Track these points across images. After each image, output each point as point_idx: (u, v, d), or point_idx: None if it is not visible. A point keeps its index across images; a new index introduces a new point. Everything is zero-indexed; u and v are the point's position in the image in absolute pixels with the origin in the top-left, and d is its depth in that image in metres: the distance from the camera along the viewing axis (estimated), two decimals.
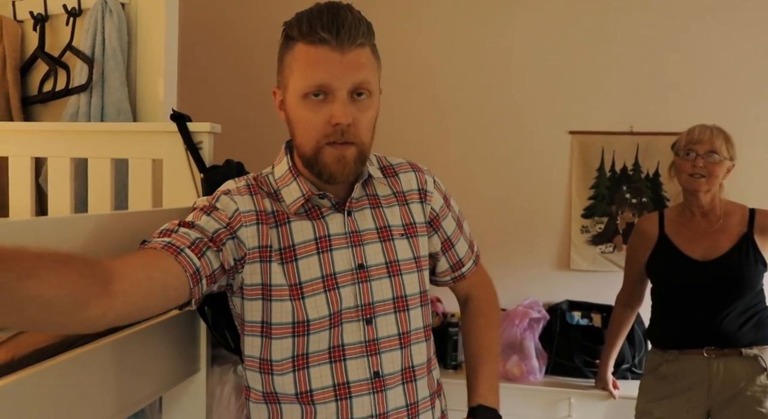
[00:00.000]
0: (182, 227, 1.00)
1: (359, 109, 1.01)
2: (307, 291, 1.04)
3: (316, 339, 1.05)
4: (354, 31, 0.98)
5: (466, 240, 1.26)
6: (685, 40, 2.87)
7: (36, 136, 1.60)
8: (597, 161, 2.93)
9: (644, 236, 1.99)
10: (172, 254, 0.93)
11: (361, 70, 1.00)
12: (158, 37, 1.73)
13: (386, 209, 1.13)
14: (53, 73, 1.85)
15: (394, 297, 1.09)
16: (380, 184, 1.14)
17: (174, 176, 1.43)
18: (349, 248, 1.08)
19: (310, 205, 1.09)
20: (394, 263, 1.10)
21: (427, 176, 1.20)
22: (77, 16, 1.82)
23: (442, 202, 1.21)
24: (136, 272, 0.87)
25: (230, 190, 1.09)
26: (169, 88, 1.72)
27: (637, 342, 2.60)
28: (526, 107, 3.00)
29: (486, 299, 1.31)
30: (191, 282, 0.94)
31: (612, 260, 2.89)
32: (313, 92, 0.99)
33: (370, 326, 1.07)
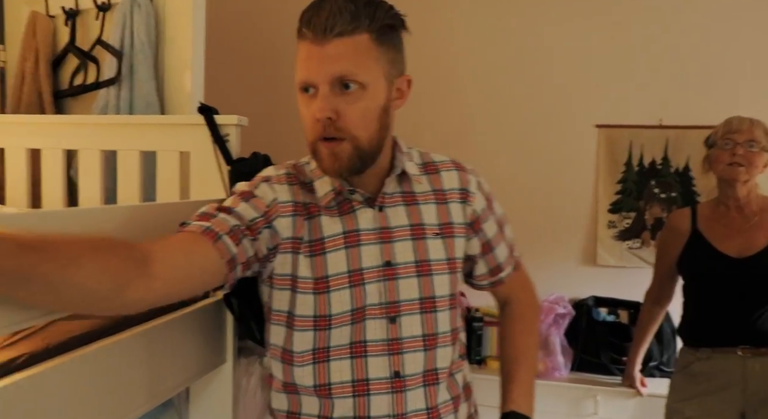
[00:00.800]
0: (221, 212, 1.00)
1: (347, 101, 0.95)
2: (332, 285, 1.03)
3: (338, 333, 1.03)
4: (331, 21, 0.93)
5: (506, 245, 1.20)
6: (717, 30, 2.81)
7: (67, 129, 1.63)
8: (624, 155, 2.89)
9: (675, 232, 1.95)
10: (211, 240, 0.94)
11: (340, 62, 0.94)
12: (185, 31, 1.74)
13: (422, 206, 1.09)
14: (84, 67, 1.89)
15: (421, 297, 1.06)
16: (417, 181, 1.10)
17: (201, 168, 1.44)
18: (378, 244, 1.05)
19: (342, 198, 1.07)
20: (424, 262, 1.07)
21: (470, 176, 1.15)
22: (107, 10, 1.85)
23: (485, 204, 1.15)
24: (175, 256, 0.90)
25: (270, 177, 1.08)
26: (196, 81, 1.73)
27: (665, 339, 2.56)
28: (553, 101, 2.96)
29: (526, 303, 1.26)
30: (227, 268, 0.96)
31: (639, 256, 2.85)
32: (302, 88, 0.98)
33: (393, 324, 1.04)
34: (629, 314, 2.75)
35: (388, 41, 0.99)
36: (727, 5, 2.79)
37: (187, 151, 1.47)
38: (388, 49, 0.99)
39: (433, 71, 3.02)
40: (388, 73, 1.00)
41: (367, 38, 0.96)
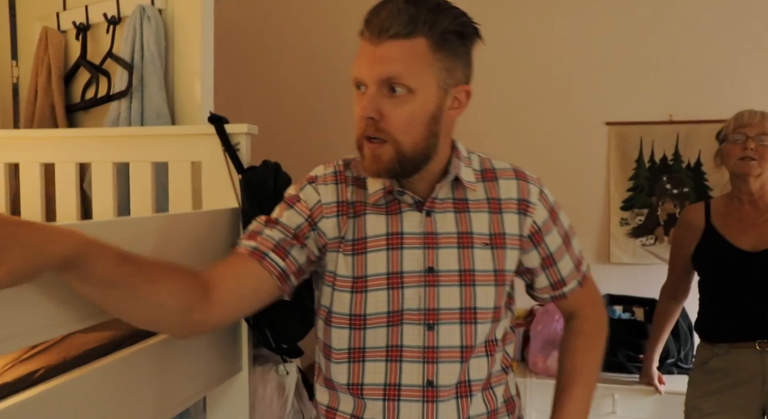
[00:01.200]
0: (267, 226, 1.04)
1: (393, 104, 0.95)
2: (369, 285, 1.03)
3: (373, 334, 1.03)
4: (388, 22, 0.92)
5: (572, 258, 1.15)
6: (723, 23, 2.79)
7: (80, 142, 1.64)
8: (635, 152, 2.88)
9: (689, 227, 1.94)
10: (258, 260, 1.00)
11: (390, 64, 0.93)
12: (195, 42, 1.75)
13: (473, 214, 1.06)
14: (95, 81, 1.91)
15: (461, 308, 1.03)
16: (471, 188, 1.07)
17: (213, 177, 1.45)
18: (422, 249, 1.03)
19: (391, 198, 1.06)
20: (468, 272, 1.03)
21: (532, 185, 1.10)
22: (117, 23, 1.87)
23: (547, 215, 1.10)
24: (227, 281, 0.97)
25: (317, 177, 1.09)
26: (206, 91, 1.75)
27: (682, 335, 2.55)
28: (562, 99, 2.96)
29: (592, 319, 1.21)
30: (279, 282, 1.01)
31: (653, 253, 2.83)
32: (355, 85, 0.98)
33: (431, 332, 1.02)
34: (645, 311, 2.73)
35: (447, 48, 0.96)
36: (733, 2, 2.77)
37: (199, 160, 1.48)
38: (447, 57, 0.97)
39: None
40: (443, 81, 0.97)
41: (423, 43, 0.94)
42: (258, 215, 1.32)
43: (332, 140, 3.19)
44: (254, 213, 1.34)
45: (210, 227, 1.30)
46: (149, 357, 1.07)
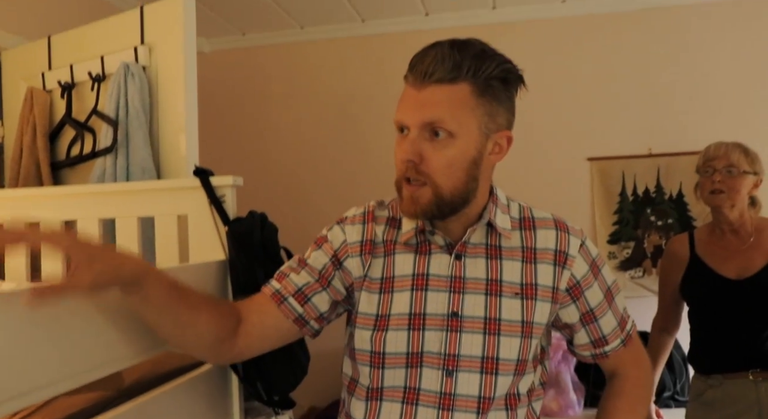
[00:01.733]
0: (295, 268, 1.10)
1: (434, 148, 0.95)
2: (391, 325, 1.03)
3: (392, 374, 1.02)
4: (432, 68, 0.94)
5: (615, 316, 1.11)
6: (696, 59, 2.89)
7: (65, 199, 1.64)
8: (618, 186, 2.92)
9: (675, 258, 1.96)
10: (276, 303, 1.06)
11: (432, 109, 0.94)
12: (178, 97, 1.78)
13: (505, 261, 1.04)
14: (80, 138, 1.92)
15: (483, 357, 1.00)
16: (506, 236, 1.05)
17: (199, 230, 1.45)
18: (448, 292, 1.02)
19: (423, 238, 1.06)
20: (493, 320, 1.01)
21: (572, 237, 1.07)
22: (101, 81, 1.89)
23: (587, 269, 1.06)
24: (252, 317, 1.05)
25: (346, 218, 1.12)
26: (190, 144, 1.76)
27: (677, 368, 2.54)
28: (544, 137, 3.02)
29: (635, 381, 1.15)
30: (296, 325, 1.07)
31: (643, 285, 2.85)
32: (398, 128, 1.00)
33: (449, 378, 1.00)
34: None
35: (490, 94, 0.97)
36: (708, 37, 2.87)
37: (185, 214, 1.49)
38: (489, 102, 0.98)
39: None
40: (485, 126, 0.98)
41: (466, 88, 0.95)
42: (245, 266, 1.34)
43: (317, 189, 3.23)
44: (242, 264, 1.35)
45: (198, 280, 1.29)
46: (137, 417, 1.05)
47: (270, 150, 3.26)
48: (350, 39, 3.21)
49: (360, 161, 3.11)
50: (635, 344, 1.15)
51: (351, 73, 3.13)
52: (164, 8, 1.79)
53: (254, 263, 1.35)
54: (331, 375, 1.16)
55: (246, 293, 1.16)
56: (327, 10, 3.05)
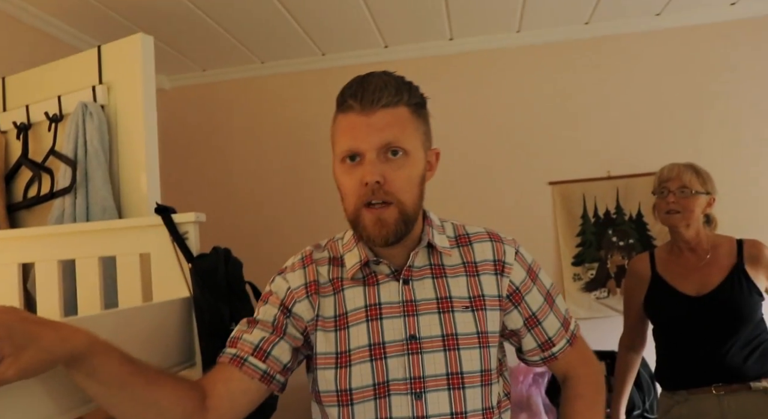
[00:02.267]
0: (248, 328, 1.08)
1: (393, 167, 0.99)
2: (354, 359, 1.03)
3: (361, 409, 1.02)
4: (378, 94, 0.99)
5: (558, 317, 1.15)
6: (649, 83, 3.00)
7: (22, 242, 1.61)
8: (580, 209, 2.99)
9: (637, 277, 2.00)
10: (237, 366, 1.03)
11: (388, 130, 0.99)
12: (138, 134, 1.77)
13: (451, 279, 1.08)
14: (37, 179, 1.88)
15: (448, 373, 1.02)
16: (447, 254, 1.09)
17: (162, 267, 1.43)
18: (402, 317, 1.04)
19: (369, 270, 1.08)
20: (451, 336, 1.03)
21: (507, 246, 1.12)
22: (59, 121, 1.87)
23: (525, 275, 1.11)
24: (217, 387, 1.01)
25: (285, 268, 1.13)
26: (151, 181, 1.75)
27: (645, 385, 2.57)
28: (506, 162, 3.08)
29: (587, 380, 1.17)
30: (263, 383, 1.04)
31: (608, 305, 2.89)
32: (347, 156, 1.01)
33: (419, 401, 1.00)
34: (606, 364, 2.75)
35: (421, 115, 1.05)
36: (659, 62, 2.99)
37: (147, 252, 1.47)
38: (423, 122, 1.05)
39: None
40: (424, 143, 1.05)
41: (406, 111, 1.02)
42: (210, 303, 1.32)
43: (282, 220, 3.22)
44: (206, 301, 1.33)
45: (162, 318, 1.28)
46: None
47: (232, 183, 3.25)
48: (310, 72, 3.25)
49: (323, 190, 3.10)
50: (581, 343, 1.19)
51: (312, 105, 3.14)
52: (122, 47, 1.79)
53: (219, 299, 1.34)
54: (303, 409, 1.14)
55: (211, 330, 1.15)
56: (287, 45, 3.08)
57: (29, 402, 0.84)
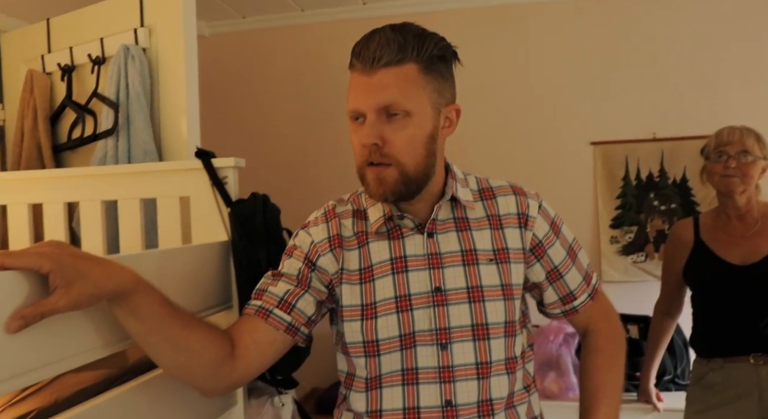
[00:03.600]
0: (273, 281, 1.09)
1: (393, 129, 0.98)
2: (380, 311, 1.04)
3: (388, 360, 1.04)
4: (379, 52, 0.96)
5: (580, 271, 1.15)
6: (703, 41, 2.86)
7: (67, 182, 1.64)
8: (621, 170, 2.91)
9: (679, 243, 1.95)
10: (263, 318, 1.04)
11: (386, 91, 0.97)
12: (179, 78, 1.77)
13: (475, 232, 1.08)
14: (81, 120, 1.91)
15: (473, 324, 1.03)
16: (470, 207, 1.09)
17: (201, 211, 1.45)
18: (427, 269, 1.05)
19: (393, 224, 1.08)
20: (476, 288, 1.04)
21: (530, 200, 1.12)
22: (101, 64, 1.89)
23: (548, 228, 1.12)
24: (244, 338, 1.02)
25: (308, 222, 1.14)
26: (192, 126, 1.76)
27: (677, 351, 2.55)
28: (546, 121, 3.00)
29: (607, 334, 1.19)
30: (288, 335, 1.05)
31: (645, 270, 2.85)
32: (352, 117, 1.02)
33: (445, 351, 1.02)
34: (639, 328, 2.73)
35: (435, 71, 1.01)
36: (715, 17, 2.84)
37: (187, 195, 1.48)
38: (435, 79, 1.02)
39: None
40: (435, 102, 1.02)
41: (413, 68, 0.99)
42: (248, 247, 1.34)
43: (320, 169, 3.22)
44: (244, 246, 1.35)
45: (201, 260, 1.30)
46: (142, 395, 1.05)
47: (271, 131, 3.25)
48: (351, 21, 3.19)
49: None
50: (602, 297, 1.20)
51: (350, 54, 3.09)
52: None
53: (257, 244, 1.35)
54: (334, 356, 1.15)
55: (248, 274, 1.16)
56: None
57: (75, 333, 0.87)
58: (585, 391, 1.16)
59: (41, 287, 0.78)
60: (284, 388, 1.43)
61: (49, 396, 0.92)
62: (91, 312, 0.88)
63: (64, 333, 0.84)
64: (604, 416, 1.11)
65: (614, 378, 1.16)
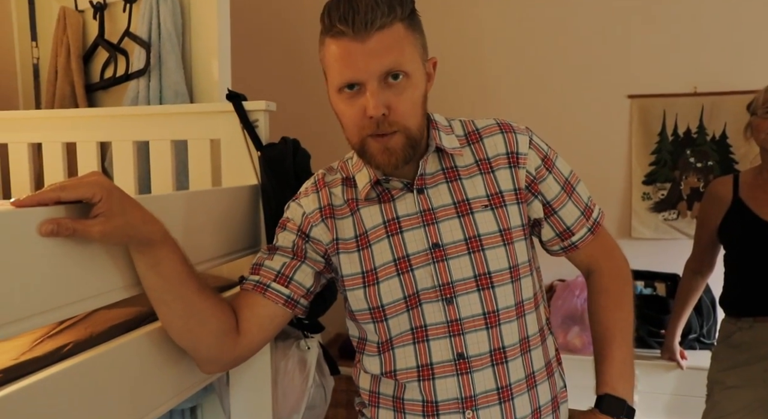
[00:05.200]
0: (269, 255, 1.09)
1: (396, 93, 0.94)
2: (381, 276, 1.04)
3: (396, 322, 1.04)
4: (371, 15, 0.90)
5: (578, 205, 1.11)
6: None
7: (100, 121, 1.65)
8: (658, 125, 2.83)
9: (717, 200, 1.91)
10: (261, 293, 1.06)
11: (387, 55, 0.92)
12: (211, 19, 1.75)
13: (465, 180, 1.05)
14: (113, 60, 1.91)
15: (475, 275, 1.01)
16: (458, 154, 1.06)
17: (232, 154, 1.45)
18: (422, 227, 1.03)
19: (381, 188, 1.07)
20: (474, 238, 1.02)
21: (519, 135, 1.08)
22: (133, 2, 1.87)
23: (539, 162, 1.08)
24: (244, 313, 1.04)
25: (299, 194, 1.14)
26: (223, 68, 1.74)
27: (705, 311, 2.53)
28: (582, 72, 2.91)
29: (610, 273, 1.14)
30: (288, 308, 1.07)
31: (676, 228, 2.80)
32: (345, 86, 0.95)
33: (451, 306, 1.01)
34: (666, 286, 2.71)
35: (416, 26, 0.98)
36: None
37: (218, 138, 1.48)
38: (419, 34, 0.99)
39: (458, 44, 2.99)
40: (421, 57, 0.99)
41: (402, 27, 0.94)
42: (277, 191, 1.34)
43: None
44: (273, 190, 1.35)
45: (231, 203, 1.31)
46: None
47: (302, 74, 3.21)
48: None
49: None
50: (604, 234, 1.15)
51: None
52: None
53: (286, 189, 1.35)
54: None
55: (277, 218, 1.16)
56: None
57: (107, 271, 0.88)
58: (595, 334, 1.13)
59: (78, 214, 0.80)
60: (310, 332, 1.45)
61: (84, 331, 0.95)
62: (121, 254, 0.90)
63: (96, 271, 0.86)
64: (618, 358, 1.08)
65: (623, 316, 1.12)
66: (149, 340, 1.01)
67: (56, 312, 0.80)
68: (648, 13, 2.81)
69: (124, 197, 0.83)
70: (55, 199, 0.76)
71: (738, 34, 2.72)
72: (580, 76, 2.91)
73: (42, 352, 0.86)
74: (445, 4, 3.00)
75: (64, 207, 0.78)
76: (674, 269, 2.64)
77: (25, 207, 0.75)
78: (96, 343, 0.94)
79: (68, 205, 0.79)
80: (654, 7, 2.80)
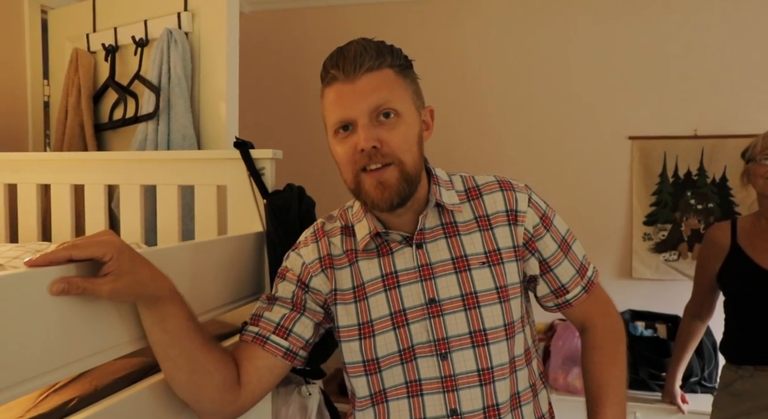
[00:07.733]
0: (268, 305, 1.11)
1: (387, 129, 0.98)
2: (377, 329, 1.05)
3: (390, 374, 1.04)
4: (359, 59, 0.97)
5: (573, 264, 1.13)
6: (749, 38, 2.76)
7: (109, 165, 1.68)
8: (659, 167, 2.86)
9: (715, 246, 1.92)
10: (260, 345, 1.07)
11: (375, 93, 0.97)
12: (220, 64, 1.79)
13: (464, 236, 1.06)
14: (123, 102, 1.95)
15: (471, 331, 1.02)
16: (458, 210, 1.08)
17: (238, 201, 1.47)
18: (419, 282, 1.04)
19: (380, 240, 1.08)
20: (470, 295, 1.03)
21: (519, 194, 1.10)
22: (144, 46, 1.91)
23: (538, 221, 1.09)
24: (244, 366, 1.05)
25: (298, 244, 1.15)
26: (231, 113, 1.77)
27: (706, 354, 2.52)
28: (584, 113, 2.95)
29: (604, 330, 1.15)
30: (286, 360, 1.08)
31: (677, 269, 2.81)
32: (339, 127, 1.00)
33: (445, 361, 1.02)
34: (667, 328, 2.71)
35: (408, 75, 1.03)
36: (763, 11, 2.74)
37: (224, 184, 1.51)
38: (410, 83, 1.04)
39: (459, 85, 3.03)
40: (415, 103, 1.03)
41: (391, 72, 1.00)
42: (283, 239, 1.36)
43: None
44: (279, 238, 1.37)
45: (236, 251, 1.32)
46: None
47: (308, 118, 3.26)
48: (391, 4, 3.16)
49: None
50: (599, 292, 1.17)
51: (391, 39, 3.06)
52: None
53: (291, 236, 1.36)
54: None
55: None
56: None
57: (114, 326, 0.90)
58: (589, 391, 1.13)
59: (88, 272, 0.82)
60: (312, 378, 1.46)
61: (88, 384, 0.95)
62: (127, 309, 0.91)
63: (103, 327, 0.87)
64: (610, 414, 1.08)
65: (616, 373, 1.12)
66: (152, 393, 1.01)
67: (65, 369, 0.81)
68: (649, 55, 2.86)
69: (135, 256, 0.85)
70: (67, 257, 0.78)
71: (738, 78, 2.77)
72: (581, 117, 2.95)
73: (47, 408, 0.87)
74: (444, 50, 3.05)
75: (74, 265, 0.80)
76: (675, 310, 2.64)
77: (37, 267, 0.77)
78: (101, 397, 0.94)
79: (78, 263, 0.81)
80: (655, 50, 2.85)
